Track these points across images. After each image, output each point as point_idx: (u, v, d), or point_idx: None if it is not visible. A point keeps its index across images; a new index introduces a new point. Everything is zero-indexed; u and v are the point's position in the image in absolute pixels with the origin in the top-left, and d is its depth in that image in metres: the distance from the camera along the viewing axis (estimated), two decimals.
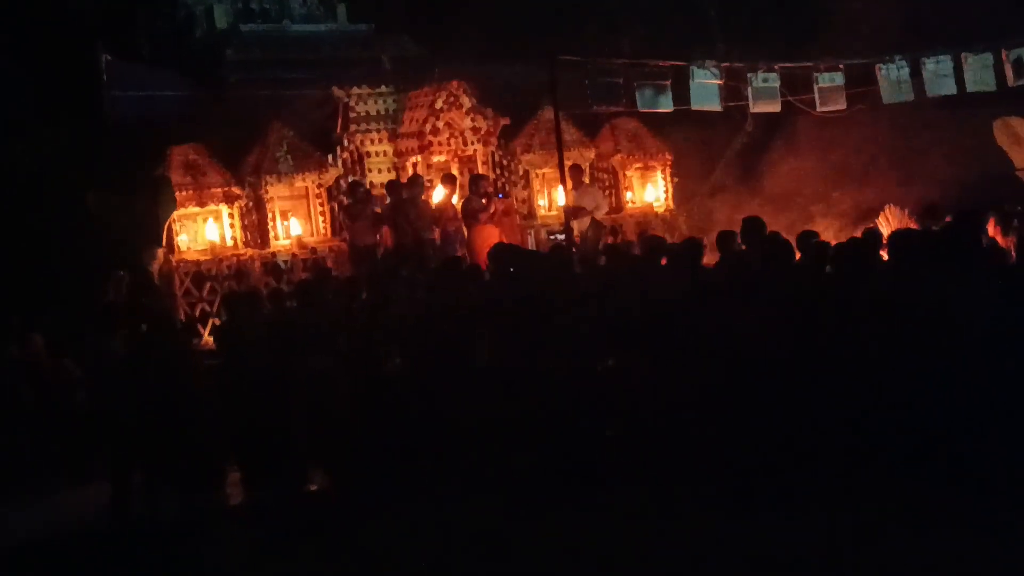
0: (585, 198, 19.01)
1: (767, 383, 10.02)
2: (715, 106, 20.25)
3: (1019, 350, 9.34)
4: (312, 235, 18.63)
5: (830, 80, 20.23)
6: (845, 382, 9.83)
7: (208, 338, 16.46)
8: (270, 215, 18.38)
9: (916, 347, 9.59)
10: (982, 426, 9.32)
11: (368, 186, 18.88)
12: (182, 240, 17.84)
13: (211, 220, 18.06)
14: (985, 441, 9.28)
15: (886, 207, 18.85)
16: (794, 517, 9.11)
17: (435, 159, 19.38)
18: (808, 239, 12.27)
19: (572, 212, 18.20)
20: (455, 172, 19.29)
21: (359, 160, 19.53)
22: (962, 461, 9.23)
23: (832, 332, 9.95)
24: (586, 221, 18.90)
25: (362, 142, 19.57)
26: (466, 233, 18.06)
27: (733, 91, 20.31)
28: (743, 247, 12.21)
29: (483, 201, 17.96)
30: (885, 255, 11.25)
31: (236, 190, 18.14)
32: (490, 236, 17.65)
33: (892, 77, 20.21)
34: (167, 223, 17.46)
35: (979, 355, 9.40)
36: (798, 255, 11.88)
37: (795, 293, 10.38)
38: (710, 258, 12.72)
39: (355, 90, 19.56)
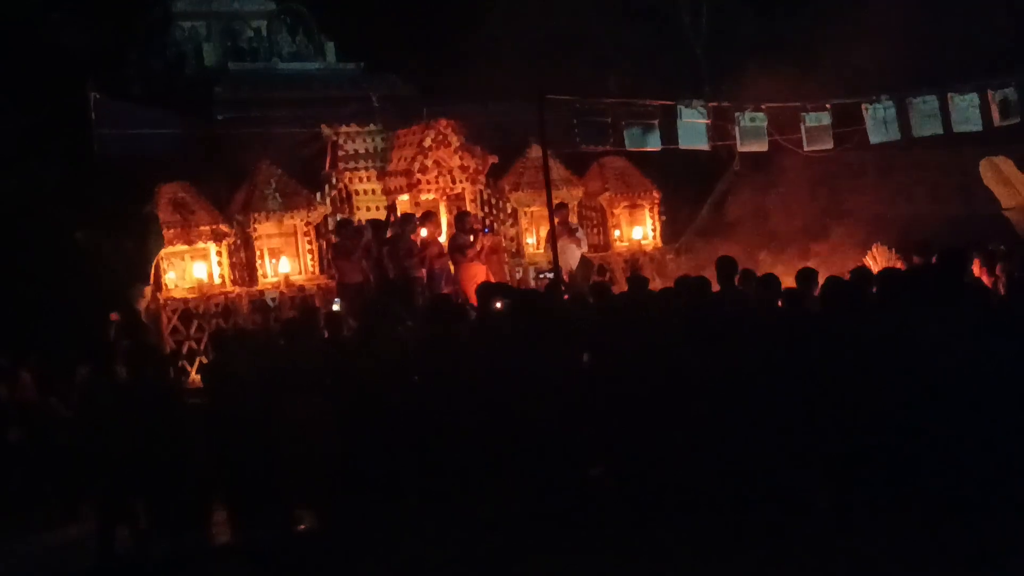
0: (569, 251, 18.98)
1: (756, 420, 10.03)
2: (703, 145, 20.33)
3: (1003, 387, 9.37)
4: (300, 273, 18.62)
5: (817, 120, 20.32)
6: (835, 419, 9.84)
7: (195, 376, 16.43)
8: (258, 253, 18.38)
9: (903, 385, 9.62)
10: (970, 461, 9.34)
11: (356, 224, 18.87)
12: (170, 278, 17.81)
13: (199, 258, 18.04)
14: (974, 475, 9.31)
15: (873, 246, 18.90)
16: (785, 555, 9.10)
17: (423, 197, 19.40)
18: (808, 276, 12.27)
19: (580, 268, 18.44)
20: (443, 210, 19.34)
21: (347, 198, 19.53)
22: (951, 495, 9.25)
23: (821, 370, 9.97)
24: (576, 257, 18.99)
25: (350, 180, 19.57)
26: (453, 270, 18.08)
27: (721, 130, 20.39)
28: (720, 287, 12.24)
29: (470, 238, 17.99)
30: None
31: (224, 228, 18.12)
32: (477, 273, 17.69)
33: (879, 117, 20.30)
34: (155, 261, 17.44)
35: (964, 392, 9.43)
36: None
37: (784, 332, 10.40)
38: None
39: (344, 128, 19.58)
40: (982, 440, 9.36)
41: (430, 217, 18.55)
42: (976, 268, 14.28)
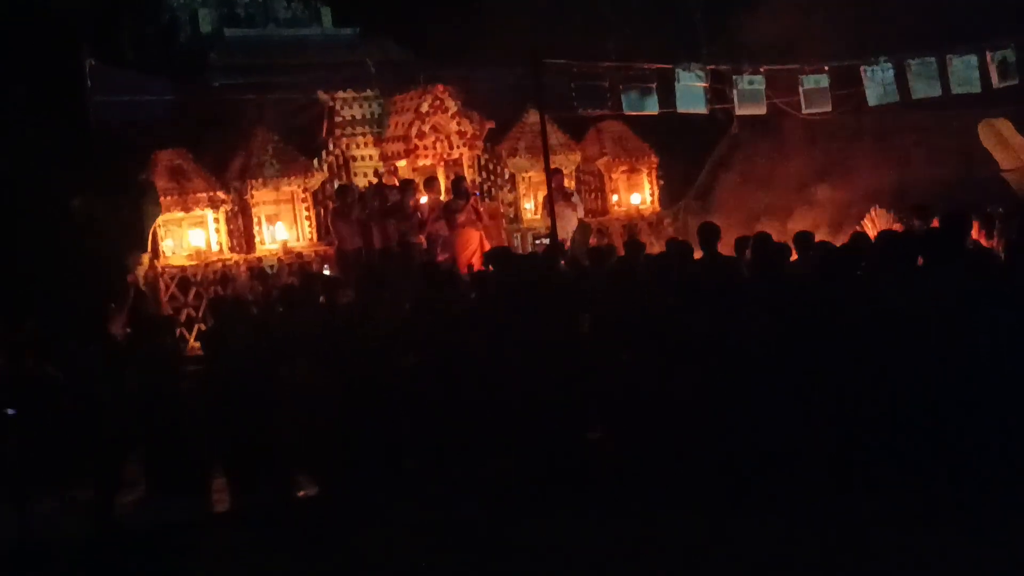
0: (566, 217, 18.90)
1: (755, 385, 10.02)
2: (701, 109, 20.32)
3: (1000, 350, 9.35)
4: (298, 240, 18.61)
5: (815, 82, 20.32)
6: (833, 384, 9.83)
7: (194, 344, 16.43)
8: (255, 220, 18.35)
9: (902, 349, 9.60)
10: (969, 425, 9.33)
11: (357, 189, 18.86)
12: (167, 245, 17.79)
13: (196, 225, 18.01)
14: (972, 440, 9.30)
15: (872, 209, 18.87)
16: (783, 518, 9.10)
17: (421, 163, 19.36)
18: (806, 240, 12.30)
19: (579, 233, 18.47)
20: (441, 176, 19.30)
21: (345, 164, 19.50)
22: (948, 460, 9.25)
23: (820, 334, 9.95)
24: (573, 223, 18.96)
25: (348, 146, 19.53)
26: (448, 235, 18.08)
27: (719, 94, 20.37)
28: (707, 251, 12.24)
29: (461, 203, 17.96)
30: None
31: (221, 195, 18.09)
32: (471, 239, 17.68)
33: (877, 79, 20.29)
34: (152, 228, 17.41)
35: (964, 356, 9.41)
36: (795, 256, 11.94)
37: (783, 295, 10.39)
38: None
39: (340, 94, 19.53)
40: (980, 404, 9.35)
41: (431, 183, 18.52)
42: (975, 231, 14.25)
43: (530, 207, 20.76)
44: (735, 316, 10.29)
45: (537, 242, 19.64)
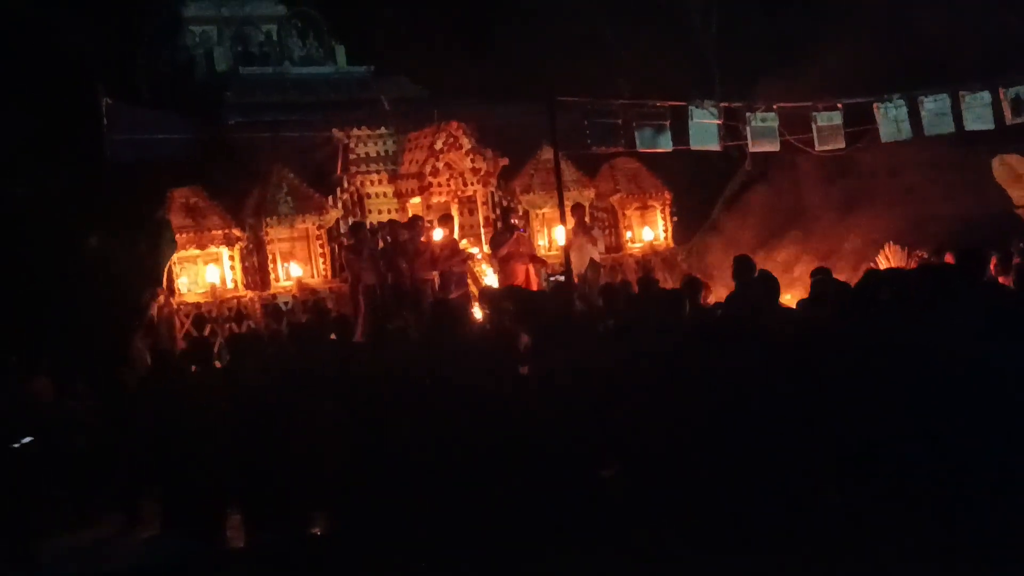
0: (586, 248, 19.02)
1: (767, 424, 10.00)
2: (714, 146, 20.33)
3: (1013, 388, 9.32)
4: (312, 277, 18.65)
5: (828, 119, 20.32)
6: (849, 421, 9.81)
7: None
8: (270, 257, 18.40)
9: (913, 386, 9.57)
10: (980, 465, 9.30)
11: (369, 226, 18.90)
12: (182, 282, 17.84)
13: (211, 262, 18.07)
14: (985, 479, 9.26)
15: (886, 245, 18.87)
16: (796, 560, 9.07)
17: (435, 200, 19.41)
18: (823, 277, 12.29)
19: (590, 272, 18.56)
20: (455, 212, 19.34)
21: (359, 201, 19.55)
22: (962, 502, 9.21)
23: (830, 371, 9.93)
24: (585, 261, 18.99)
25: (362, 183, 19.59)
26: (496, 269, 18.44)
27: (732, 131, 20.39)
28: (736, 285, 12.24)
29: (507, 237, 18.25)
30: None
31: (236, 232, 18.16)
32: (516, 272, 18.08)
33: (890, 116, 20.29)
34: (167, 265, 17.47)
35: (975, 394, 9.38)
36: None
37: (795, 333, 10.38)
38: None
39: (355, 132, 19.61)
40: (992, 443, 9.31)
41: (446, 220, 18.58)
42: (993, 267, 14.22)
43: (544, 243, 20.78)
44: (750, 351, 10.28)
45: (551, 279, 19.65)
